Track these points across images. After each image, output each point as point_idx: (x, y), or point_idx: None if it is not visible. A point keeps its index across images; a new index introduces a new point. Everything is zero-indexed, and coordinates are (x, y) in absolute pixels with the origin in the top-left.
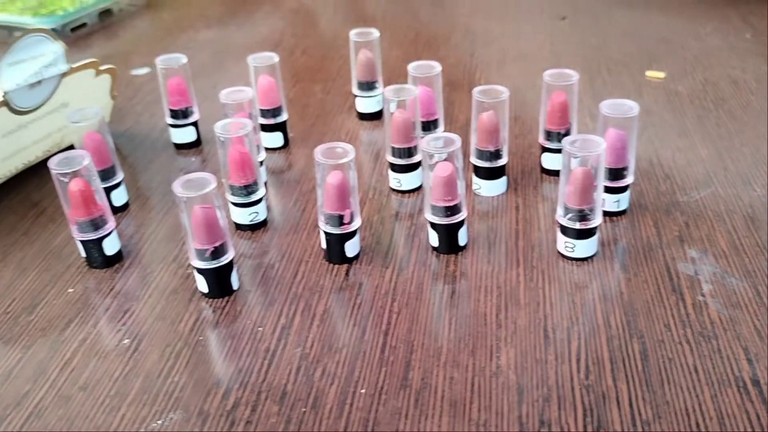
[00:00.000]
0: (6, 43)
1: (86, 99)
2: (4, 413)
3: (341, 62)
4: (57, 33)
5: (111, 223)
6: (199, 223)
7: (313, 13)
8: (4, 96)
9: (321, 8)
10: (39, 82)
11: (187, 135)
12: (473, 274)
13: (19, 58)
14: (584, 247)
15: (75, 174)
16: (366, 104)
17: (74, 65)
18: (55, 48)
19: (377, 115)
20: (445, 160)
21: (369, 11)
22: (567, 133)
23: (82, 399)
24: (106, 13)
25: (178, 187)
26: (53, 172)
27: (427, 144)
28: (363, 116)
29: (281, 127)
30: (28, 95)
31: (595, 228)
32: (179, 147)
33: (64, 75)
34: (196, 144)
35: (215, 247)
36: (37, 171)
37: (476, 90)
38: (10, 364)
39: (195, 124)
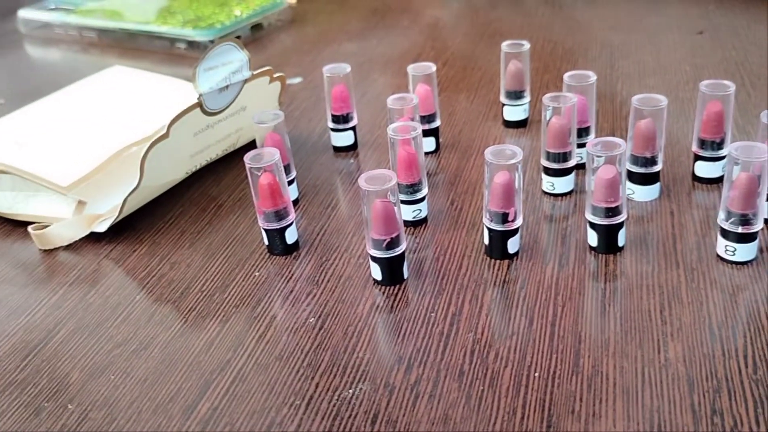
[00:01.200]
0: (174, 54)
1: (260, 104)
2: (211, 377)
3: (481, 73)
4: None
5: (292, 215)
6: (379, 215)
7: (450, 28)
8: (199, 98)
9: (457, 23)
10: (226, 86)
11: (346, 138)
12: (633, 274)
13: (212, 65)
14: (745, 251)
15: (265, 169)
16: (513, 112)
17: (254, 72)
18: (241, 56)
19: (523, 123)
20: (609, 162)
21: (504, 26)
22: (722, 142)
23: (279, 367)
24: (256, 27)
25: (362, 182)
26: (248, 166)
27: (592, 147)
28: (509, 124)
29: (434, 133)
30: (218, 98)
31: (757, 233)
32: (337, 150)
33: (246, 81)
34: (353, 147)
35: (391, 238)
36: (213, 168)
37: (635, 98)
38: (212, 335)
39: (354, 128)
